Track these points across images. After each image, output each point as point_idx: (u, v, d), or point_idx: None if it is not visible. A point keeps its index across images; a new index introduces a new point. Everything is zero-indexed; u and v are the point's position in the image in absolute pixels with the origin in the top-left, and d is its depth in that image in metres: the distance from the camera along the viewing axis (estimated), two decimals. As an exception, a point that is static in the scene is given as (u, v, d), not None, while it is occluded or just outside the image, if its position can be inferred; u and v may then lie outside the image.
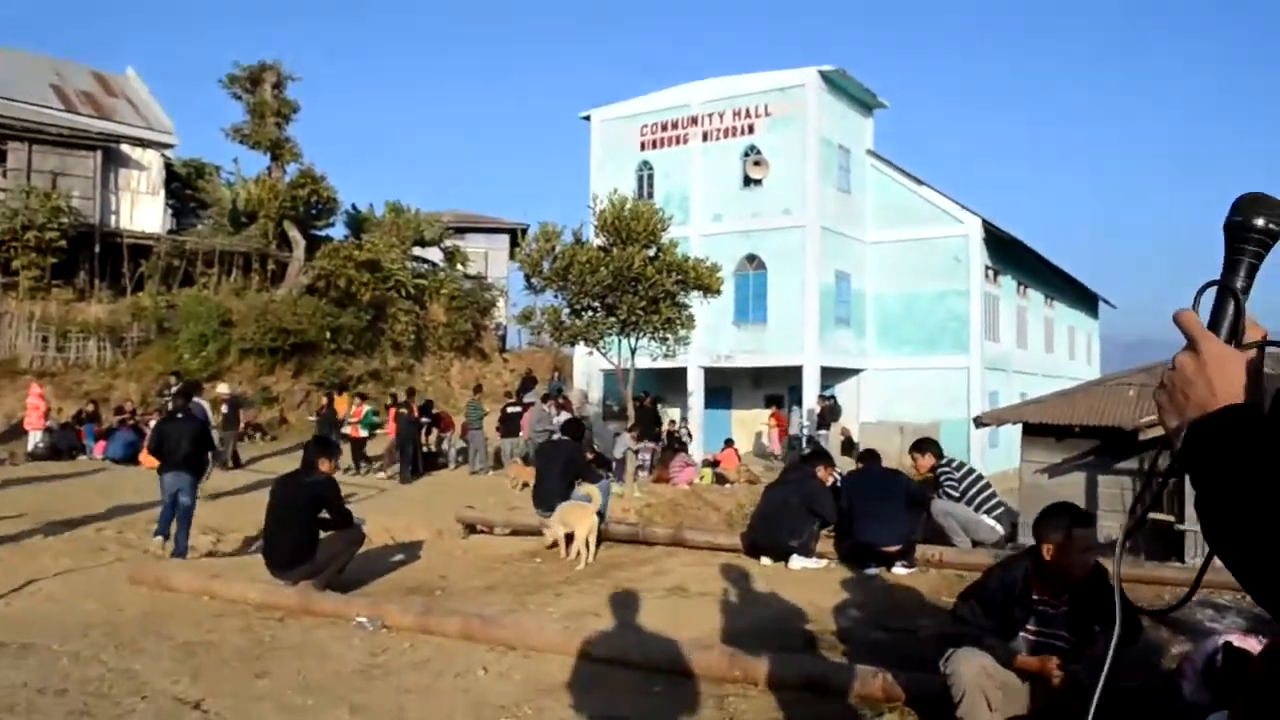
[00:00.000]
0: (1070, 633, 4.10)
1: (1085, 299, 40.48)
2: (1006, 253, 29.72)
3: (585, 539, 8.97)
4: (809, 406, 25.70)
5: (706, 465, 21.30)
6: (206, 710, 4.96)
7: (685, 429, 25.40)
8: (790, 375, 26.91)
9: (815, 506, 8.62)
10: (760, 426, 28.67)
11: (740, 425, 28.77)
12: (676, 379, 27.46)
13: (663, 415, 25.84)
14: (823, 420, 24.55)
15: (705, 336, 21.84)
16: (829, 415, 24.67)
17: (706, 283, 18.27)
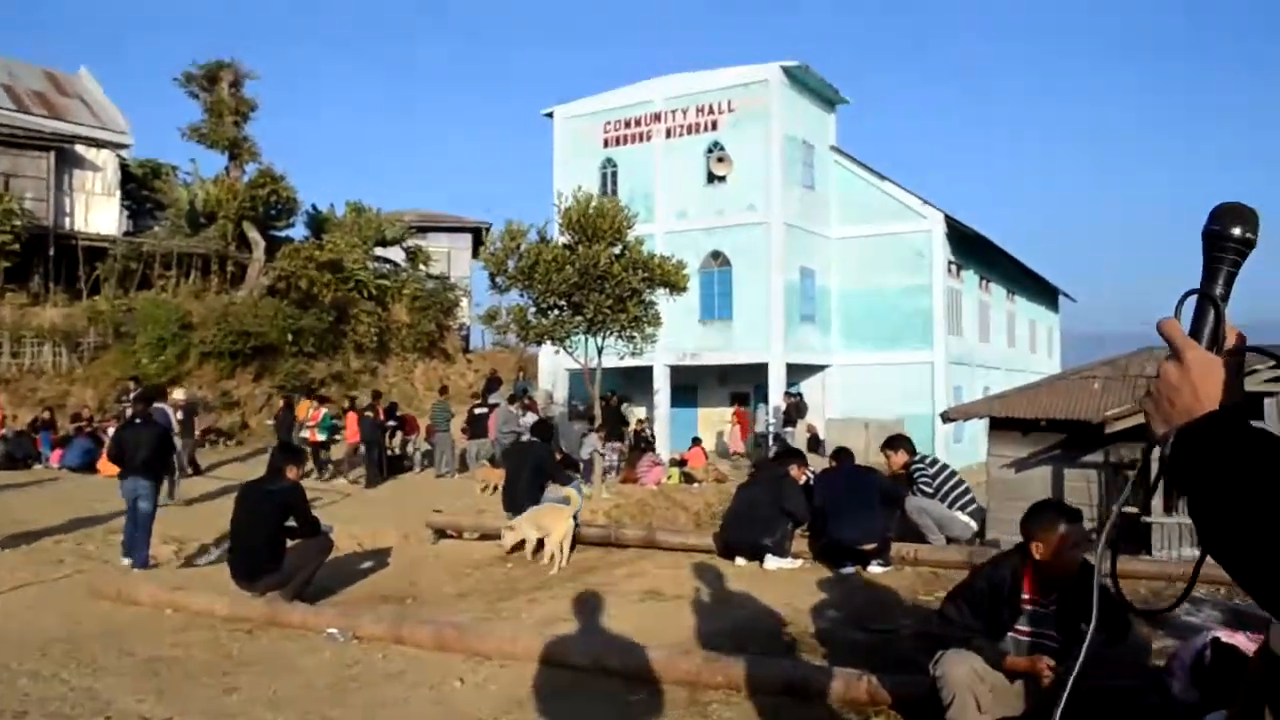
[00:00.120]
0: (1059, 632, 4.06)
1: (1046, 293, 40.84)
2: (969, 247, 29.91)
3: (560, 543, 8.88)
4: (775, 403, 25.72)
5: (674, 465, 21.25)
6: (174, 729, 4.83)
7: (649, 429, 25.30)
8: (756, 372, 26.91)
9: (787, 505, 8.57)
10: (723, 426, 28.66)
11: (706, 423, 28.75)
12: (642, 378, 27.37)
13: (629, 415, 25.73)
14: (789, 417, 24.58)
15: (671, 334, 21.74)
16: (795, 412, 24.72)
17: (673, 280, 18.21)
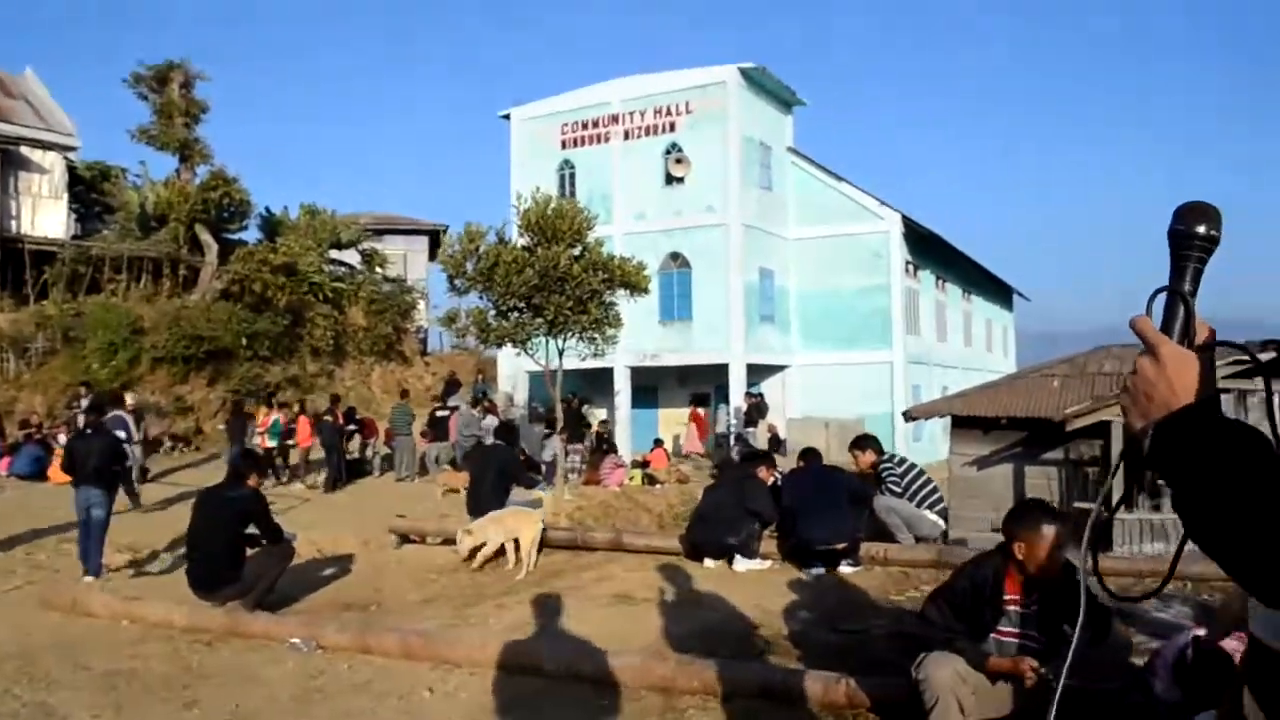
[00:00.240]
0: (1041, 633, 4.03)
1: (1000, 292, 41.25)
2: (925, 248, 30.10)
3: (529, 547, 8.76)
4: (736, 404, 25.72)
5: (636, 466, 21.17)
6: (133, 746, 4.68)
7: (609, 430, 25.18)
8: (717, 373, 26.88)
9: (752, 504, 8.53)
10: (679, 428, 28.62)
11: (667, 425, 28.66)
12: (602, 379, 27.25)
13: (589, 416, 25.60)
14: (750, 418, 24.57)
15: (631, 336, 21.63)
16: (756, 412, 24.72)
17: (633, 281, 18.11)
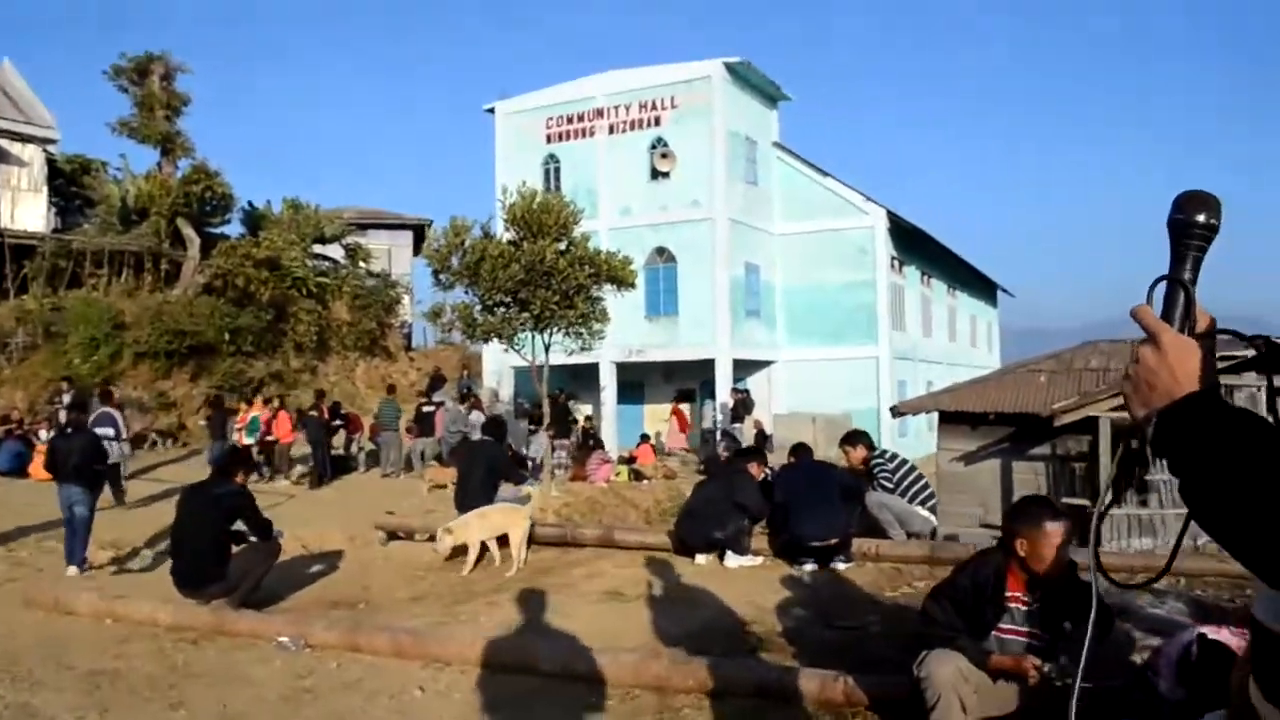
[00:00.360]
0: (1043, 630, 3.99)
1: (985, 288, 41.36)
2: (910, 243, 30.13)
3: (518, 544, 8.69)
4: (722, 400, 25.68)
5: (623, 462, 21.12)
6: (119, 748, 4.59)
7: (595, 426, 25.09)
8: (703, 368, 26.84)
9: (741, 499, 8.47)
10: (661, 424, 28.52)
11: (653, 420, 28.63)
12: (588, 375, 27.17)
13: (575, 412, 25.52)
14: (736, 413, 24.55)
15: (617, 331, 21.53)
16: (742, 408, 24.69)
17: (620, 275, 18.04)
